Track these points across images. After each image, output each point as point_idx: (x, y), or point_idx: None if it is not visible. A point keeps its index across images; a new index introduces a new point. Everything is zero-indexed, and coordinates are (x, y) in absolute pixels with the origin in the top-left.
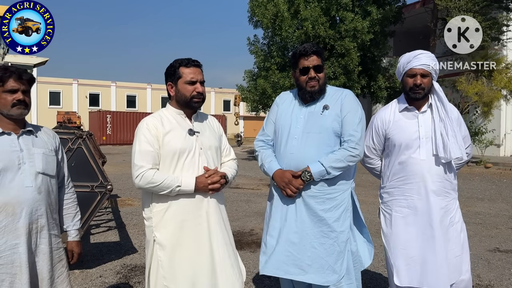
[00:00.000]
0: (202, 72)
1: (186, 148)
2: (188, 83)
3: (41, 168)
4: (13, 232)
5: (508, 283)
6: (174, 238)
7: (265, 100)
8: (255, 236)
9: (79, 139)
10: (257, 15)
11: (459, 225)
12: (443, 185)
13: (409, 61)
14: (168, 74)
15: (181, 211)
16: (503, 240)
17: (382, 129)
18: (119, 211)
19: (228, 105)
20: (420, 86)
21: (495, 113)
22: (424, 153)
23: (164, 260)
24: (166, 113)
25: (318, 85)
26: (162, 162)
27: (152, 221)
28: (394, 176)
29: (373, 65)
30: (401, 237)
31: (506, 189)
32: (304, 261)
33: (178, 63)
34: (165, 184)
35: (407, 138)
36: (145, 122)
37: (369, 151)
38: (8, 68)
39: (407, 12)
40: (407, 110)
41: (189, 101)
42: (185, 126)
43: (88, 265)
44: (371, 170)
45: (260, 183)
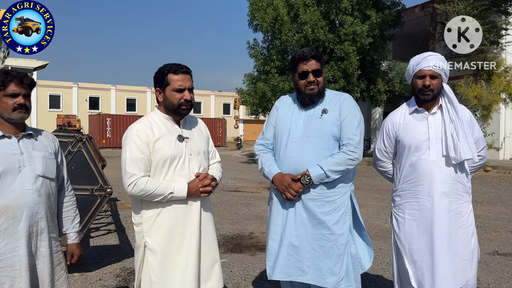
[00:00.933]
0: (191, 78)
1: (176, 155)
2: (176, 91)
3: (41, 171)
4: (13, 235)
5: (507, 286)
6: (165, 243)
7: (265, 104)
8: (254, 240)
9: (79, 142)
10: (257, 19)
11: (471, 229)
12: (454, 187)
13: (419, 63)
14: (157, 80)
15: (171, 217)
16: (502, 243)
17: (392, 131)
18: (118, 214)
19: (228, 108)
20: (429, 87)
21: (494, 116)
22: (434, 154)
23: (155, 266)
24: (155, 118)
25: (317, 88)
26: (153, 168)
27: (142, 227)
28: (405, 179)
29: (372, 69)
30: (415, 240)
31: (505, 193)
32: (303, 263)
33: (166, 70)
34: (158, 192)
35: (417, 139)
36: (135, 128)
37: (380, 154)
38: (10, 72)
39: (406, 16)
40: (417, 112)
41: (177, 108)
42: (174, 132)
43: (88, 268)
44: (384, 174)
45: (259, 187)
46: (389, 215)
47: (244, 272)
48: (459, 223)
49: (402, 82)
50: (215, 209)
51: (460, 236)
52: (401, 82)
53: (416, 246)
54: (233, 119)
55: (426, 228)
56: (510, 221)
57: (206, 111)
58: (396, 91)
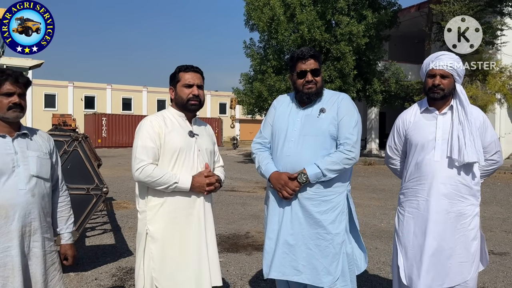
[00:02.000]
0: (201, 78)
1: (185, 148)
2: (185, 86)
3: (35, 171)
4: (5, 235)
5: (502, 285)
6: (166, 232)
7: (261, 103)
8: (250, 239)
9: (74, 142)
10: (253, 18)
11: (473, 233)
12: (456, 188)
13: (431, 62)
14: (171, 79)
15: (175, 208)
16: (497, 243)
17: (403, 129)
18: (114, 214)
19: (224, 108)
20: (438, 86)
21: (489, 116)
22: (438, 154)
23: (155, 253)
24: (168, 114)
25: (315, 88)
26: (162, 158)
27: (146, 215)
28: (410, 177)
29: (368, 69)
30: (410, 238)
31: (500, 192)
32: (299, 262)
33: (178, 69)
34: (163, 180)
35: (424, 138)
36: (149, 119)
37: (390, 151)
38: (5, 71)
39: (402, 16)
40: (427, 111)
41: (186, 103)
42: (186, 128)
43: (83, 268)
44: (395, 171)
45: (256, 186)
46: (385, 215)
47: (240, 272)
48: (458, 225)
49: (398, 82)
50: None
51: (458, 238)
52: (397, 82)
53: (410, 243)
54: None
55: (421, 227)
56: (505, 221)
57: (202, 110)
58: (392, 91)
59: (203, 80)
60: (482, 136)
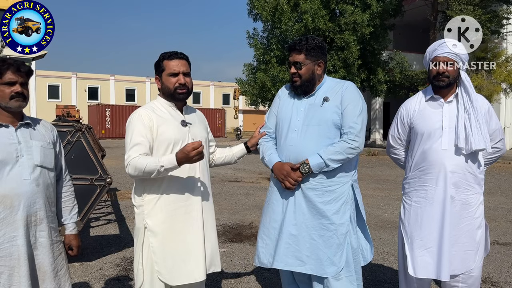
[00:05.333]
0: (187, 64)
1: (179, 138)
2: (171, 75)
3: (39, 161)
4: (11, 224)
5: (507, 276)
6: (166, 225)
7: (265, 94)
8: (254, 229)
9: (78, 132)
10: (257, 8)
11: (478, 222)
12: (464, 177)
13: (435, 49)
14: (155, 68)
15: (172, 200)
16: (502, 233)
17: (407, 118)
18: (118, 204)
19: (227, 98)
20: (443, 74)
21: (494, 106)
22: (446, 143)
23: (156, 246)
24: (157, 105)
25: (299, 81)
26: (156, 151)
27: (143, 209)
28: (416, 166)
29: (373, 59)
30: (418, 228)
31: (505, 183)
32: (303, 253)
33: (162, 56)
34: (149, 168)
35: (430, 127)
36: (138, 113)
37: (393, 141)
38: (6, 60)
39: (407, 5)
40: (433, 99)
41: (173, 92)
42: (178, 117)
43: (88, 258)
44: (397, 161)
45: (259, 177)
46: (388, 205)
47: (244, 262)
48: (464, 214)
49: (403, 72)
50: (215, 199)
51: (464, 227)
52: (401, 72)
53: (417, 233)
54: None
55: (429, 216)
56: (510, 211)
57: (206, 101)
58: (397, 81)
59: (190, 66)
60: (487, 124)
